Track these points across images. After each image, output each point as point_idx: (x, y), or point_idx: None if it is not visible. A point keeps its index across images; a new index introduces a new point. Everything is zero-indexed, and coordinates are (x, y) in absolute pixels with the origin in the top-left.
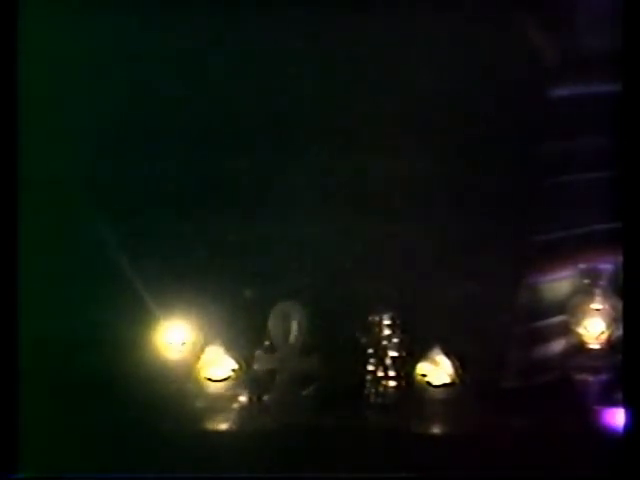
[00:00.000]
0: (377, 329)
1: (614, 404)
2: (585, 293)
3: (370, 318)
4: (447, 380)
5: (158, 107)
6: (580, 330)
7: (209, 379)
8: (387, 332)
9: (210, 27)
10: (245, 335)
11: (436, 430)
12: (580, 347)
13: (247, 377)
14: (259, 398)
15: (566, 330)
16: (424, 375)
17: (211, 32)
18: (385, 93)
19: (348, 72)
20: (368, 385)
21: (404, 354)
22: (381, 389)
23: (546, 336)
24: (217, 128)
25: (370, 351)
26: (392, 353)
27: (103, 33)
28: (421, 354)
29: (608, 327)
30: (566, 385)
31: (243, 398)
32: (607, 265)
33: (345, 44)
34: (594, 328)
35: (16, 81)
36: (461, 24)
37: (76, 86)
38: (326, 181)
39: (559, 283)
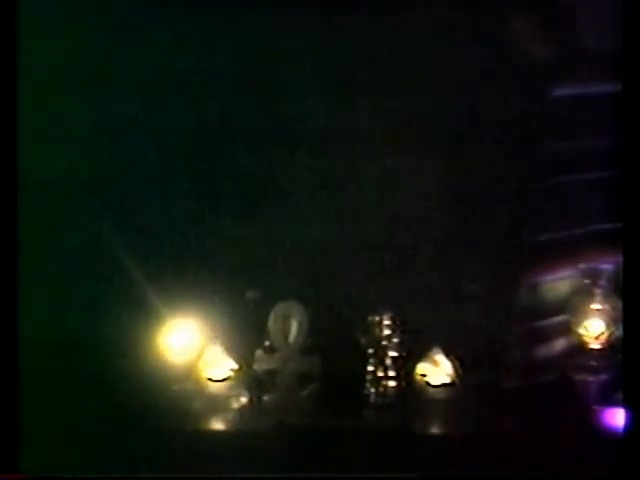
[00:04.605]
0: (377, 329)
1: (614, 404)
2: (585, 293)
3: (370, 318)
4: (447, 380)
5: (158, 107)
6: (580, 330)
7: (209, 379)
8: (387, 332)
9: (210, 26)
10: (245, 335)
11: (436, 430)
12: (580, 347)
13: (247, 377)
14: (259, 398)
15: (566, 330)
16: (424, 375)
17: (211, 31)
18: (385, 93)
19: (348, 72)
20: (368, 385)
21: (404, 354)
22: (381, 389)
23: (546, 336)
24: (218, 128)
25: (370, 351)
26: (392, 353)
27: (103, 33)
28: (421, 354)
29: (608, 327)
30: (566, 385)
31: (243, 398)
32: (607, 265)
33: (345, 44)
34: (594, 328)
35: (16, 81)
36: (461, 24)
37: (76, 86)
38: (326, 181)
39: (559, 283)
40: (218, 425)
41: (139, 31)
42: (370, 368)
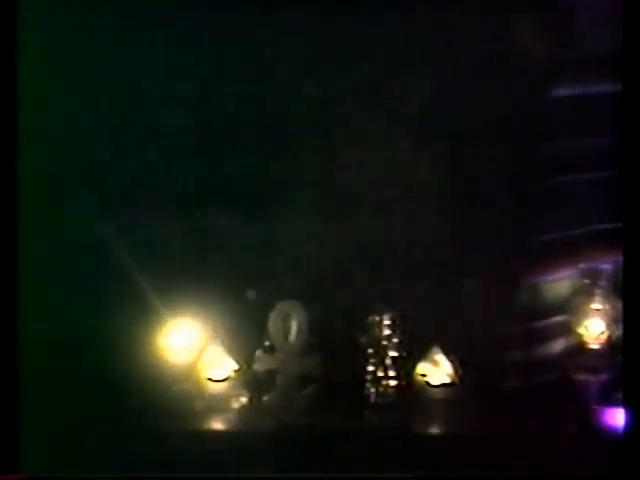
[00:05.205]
0: (377, 329)
1: (614, 404)
2: (585, 293)
3: (370, 318)
4: (447, 380)
5: (158, 107)
6: (580, 330)
7: (209, 379)
8: (387, 332)
9: (210, 27)
10: (245, 335)
11: (436, 430)
12: (580, 347)
13: (247, 377)
14: (259, 398)
15: (566, 330)
16: (424, 375)
17: (211, 32)
18: (385, 93)
19: (348, 72)
20: (368, 385)
21: (404, 354)
22: (381, 389)
23: (546, 336)
24: (217, 128)
25: (370, 351)
26: (392, 353)
27: (103, 33)
28: (421, 354)
29: (608, 327)
30: (566, 385)
31: (243, 398)
32: (607, 265)
33: (345, 44)
34: (594, 328)
35: (16, 81)
36: (461, 24)
37: (76, 86)
38: (326, 181)
39: (559, 283)
40: (218, 425)
41: (139, 30)
42: (370, 368)
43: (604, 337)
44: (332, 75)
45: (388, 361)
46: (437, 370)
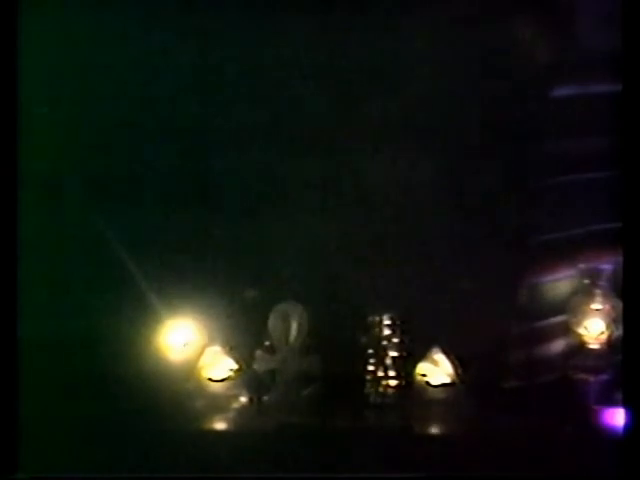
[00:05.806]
0: (377, 329)
1: (614, 404)
2: (585, 293)
3: (370, 318)
4: (447, 380)
5: (158, 106)
6: (580, 330)
7: (209, 379)
8: (387, 332)
9: (210, 28)
10: (245, 335)
11: (436, 430)
12: (580, 347)
13: (247, 377)
14: (259, 398)
15: (566, 330)
16: (424, 375)
17: (211, 33)
18: (385, 93)
19: (348, 73)
20: (368, 385)
21: (404, 354)
22: (381, 389)
23: (546, 336)
24: (217, 127)
25: (370, 351)
26: (392, 353)
27: (103, 33)
28: (421, 354)
29: (608, 327)
30: (566, 385)
31: (243, 398)
32: (607, 265)
33: (345, 45)
34: (594, 328)
35: (16, 81)
36: (461, 24)
37: (76, 85)
38: (326, 181)
39: (559, 283)
40: (218, 425)
41: (140, 30)
42: (370, 368)
43: (604, 337)
44: (333, 75)
45: (388, 361)
46: (437, 370)
